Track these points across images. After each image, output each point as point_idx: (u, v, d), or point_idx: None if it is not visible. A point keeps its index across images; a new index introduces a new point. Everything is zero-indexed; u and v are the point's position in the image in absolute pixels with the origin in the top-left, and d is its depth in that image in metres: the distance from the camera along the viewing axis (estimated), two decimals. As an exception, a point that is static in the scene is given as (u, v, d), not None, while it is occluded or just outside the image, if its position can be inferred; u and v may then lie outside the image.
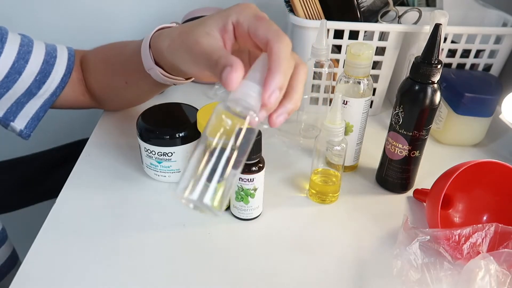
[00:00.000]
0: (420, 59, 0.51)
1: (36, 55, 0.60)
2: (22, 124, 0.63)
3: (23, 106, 0.62)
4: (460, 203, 0.55)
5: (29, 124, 0.64)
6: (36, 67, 0.60)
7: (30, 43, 0.60)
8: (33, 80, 0.60)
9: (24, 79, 0.59)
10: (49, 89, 0.62)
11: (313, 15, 0.70)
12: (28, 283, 0.45)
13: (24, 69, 0.58)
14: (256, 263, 0.48)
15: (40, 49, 0.61)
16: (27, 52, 0.59)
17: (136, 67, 0.56)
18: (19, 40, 0.59)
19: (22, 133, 0.64)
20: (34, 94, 0.61)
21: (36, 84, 0.61)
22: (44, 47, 0.62)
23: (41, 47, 0.61)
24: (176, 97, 0.83)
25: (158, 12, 1.04)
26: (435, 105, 0.52)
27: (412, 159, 0.56)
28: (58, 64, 0.63)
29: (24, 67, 0.58)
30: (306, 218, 0.55)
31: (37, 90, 0.61)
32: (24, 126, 0.63)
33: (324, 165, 0.56)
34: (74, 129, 0.97)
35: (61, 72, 0.63)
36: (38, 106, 0.63)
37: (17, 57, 0.58)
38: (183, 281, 0.46)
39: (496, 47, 0.73)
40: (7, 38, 0.57)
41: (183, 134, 0.55)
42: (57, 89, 0.63)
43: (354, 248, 0.50)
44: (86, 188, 0.58)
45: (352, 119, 0.59)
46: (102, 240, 0.50)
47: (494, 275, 0.40)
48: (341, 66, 0.74)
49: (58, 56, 0.63)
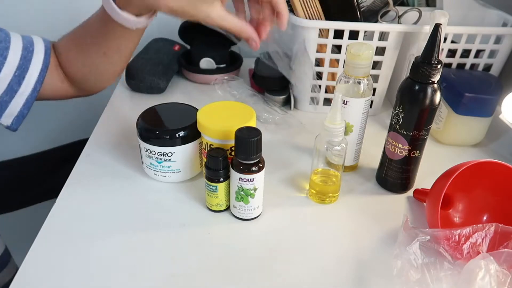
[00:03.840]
0: (420, 59, 0.51)
1: (14, 51, 0.59)
2: (8, 122, 0.63)
3: (7, 106, 0.61)
4: (460, 203, 0.55)
5: (15, 121, 0.64)
6: (15, 63, 0.59)
7: (7, 37, 0.60)
8: (13, 76, 0.59)
9: (3, 76, 0.59)
10: (30, 84, 0.62)
11: (313, 15, 0.70)
12: (28, 283, 0.45)
13: (3, 66, 0.58)
14: (256, 263, 0.48)
15: (17, 43, 0.60)
16: (5, 49, 0.58)
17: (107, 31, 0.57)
18: None
19: (9, 128, 0.64)
20: (16, 91, 0.61)
21: (16, 80, 0.60)
22: (21, 41, 0.61)
23: (18, 41, 0.61)
24: (176, 97, 0.83)
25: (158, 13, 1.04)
26: (435, 105, 0.52)
27: (412, 159, 0.56)
28: (35, 58, 0.62)
29: (3, 63, 0.58)
30: (306, 218, 0.55)
31: (17, 86, 0.61)
32: (11, 123, 0.64)
33: (324, 165, 0.56)
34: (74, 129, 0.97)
35: (38, 66, 0.62)
36: (21, 105, 0.63)
37: None
38: (183, 281, 0.46)
39: (496, 47, 0.73)
40: None
41: (183, 134, 0.55)
42: (36, 84, 0.63)
43: (354, 248, 0.50)
44: (86, 188, 0.58)
45: (352, 119, 0.59)
46: (102, 240, 0.50)
47: (494, 275, 0.40)
48: (341, 66, 0.74)
49: (35, 50, 0.62)
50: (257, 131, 0.49)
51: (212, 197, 0.53)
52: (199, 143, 0.57)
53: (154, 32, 1.04)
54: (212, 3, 0.52)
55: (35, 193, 0.90)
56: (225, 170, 0.51)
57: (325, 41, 0.71)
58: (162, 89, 0.83)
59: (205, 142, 0.55)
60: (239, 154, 0.49)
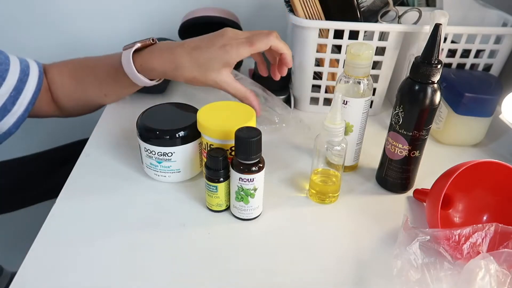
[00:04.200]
0: (420, 59, 0.51)
1: (13, 73, 0.63)
2: None
3: None
4: (460, 203, 0.55)
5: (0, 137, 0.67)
6: (12, 85, 0.63)
7: (7, 60, 0.63)
8: (8, 97, 0.63)
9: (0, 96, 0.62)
10: (22, 105, 0.65)
11: (313, 15, 0.70)
12: (28, 282, 0.45)
13: (1, 86, 0.61)
14: (256, 263, 0.48)
15: (15, 66, 0.64)
16: (4, 70, 0.62)
17: (117, 81, 0.65)
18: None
19: None
20: (9, 110, 0.64)
21: (11, 100, 0.63)
22: (19, 64, 0.65)
23: (16, 64, 0.64)
24: (176, 97, 0.83)
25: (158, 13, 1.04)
26: (435, 105, 0.52)
27: (412, 159, 0.56)
28: (30, 81, 0.66)
29: (1, 84, 0.61)
30: (306, 218, 0.55)
31: (11, 106, 0.64)
32: None
33: (324, 165, 0.56)
34: (74, 129, 0.97)
35: (32, 89, 0.66)
36: (11, 124, 0.66)
37: None
38: (183, 281, 0.46)
39: (496, 47, 0.73)
40: None
41: (183, 134, 0.55)
42: (29, 105, 0.66)
43: (354, 248, 0.50)
44: (86, 188, 0.58)
45: (352, 119, 0.59)
46: (102, 240, 0.50)
47: (494, 275, 0.40)
48: (341, 66, 0.74)
49: (30, 73, 0.66)
50: (257, 131, 0.49)
51: (212, 197, 0.53)
52: (199, 143, 0.57)
53: (154, 32, 1.04)
54: (219, 71, 0.60)
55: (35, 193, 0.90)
56: (225, 170, 0.51)
57: (325, 41, 0.71)
58: (162, 89, 0.83)
59: (205, 142, 0.55)
60: (239, 154, 0.49)
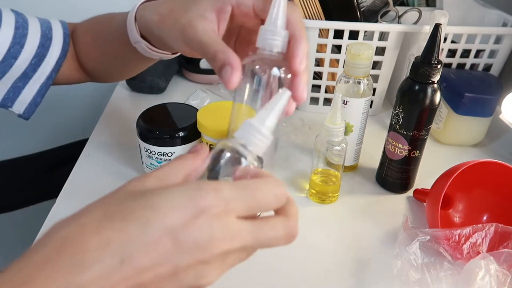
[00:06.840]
0: (420, 59, 0.51)
1: (32, 39, 0.57)
2: (21, 110, 0.62)
3: (20, 92, 0.60)
4: (460, 203, 0.55)
5: (27, 109, 0.62)
6: (32, 51, 0.57)
7: (25, 24, 0.57)
8: (29, 64, 0.58)
9: (19, 64, 0.57)
10: (45, 72, 0.60)
11: (313, 15, 0.70)
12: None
13: (20, 54, 0.56)
14: (255, 263, 0.48)
15: (35, 31, 0.58)
16: (22, 36, 0.56)
17: (123, 40, 0.53)
18: (14, 21, 0.56)
19: (22, 116, 0.63)
20: (30, 77, 0.59)
21: (32, 68, 0.58)
22: (39, 28, 0.58)
23: (36, 27, 0.58)
24: (176, 97, 0.83)
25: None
26: (435, 105, 0.52)
27: (412, 159, 0.56)
28: (54, 46, 0.59)
29: (19, 52, 0.56)
30: (306, 218, 0.55)
31: (32, 73, 0.59)
32: (23, 112, 0.62)
33: (324, 165, 0.56)
34: (74, 129, 0.97)
35: (56, 55, 0.60)
36: (34, 92, 0.61)
37: (13, 42, 0.55)
38: (183, 281, 0.45)
39: (496, 47, 0.73)
40: (1, 20, 0.54)
41: (183, 134, 0.55)
42: (52, 73, 0.60)
43: (354, 248, 0.50)
44: (86, 189, 0.58)
45: (352, 119, 0.59)
46: (102, 240, 0.50)
47: (494, 275, 0.40)
48: (341, 66, 0.74)
49: (53, 37, 0.60)
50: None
51: (212, 197, 0.53)
52: (199, 143, 0.57)
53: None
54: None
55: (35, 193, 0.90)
56: (225, 170, 0.51)
57: (325, 41, 0.71)
58: (162, 89, 0.83)
59: (205, 142, 0.55)
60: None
